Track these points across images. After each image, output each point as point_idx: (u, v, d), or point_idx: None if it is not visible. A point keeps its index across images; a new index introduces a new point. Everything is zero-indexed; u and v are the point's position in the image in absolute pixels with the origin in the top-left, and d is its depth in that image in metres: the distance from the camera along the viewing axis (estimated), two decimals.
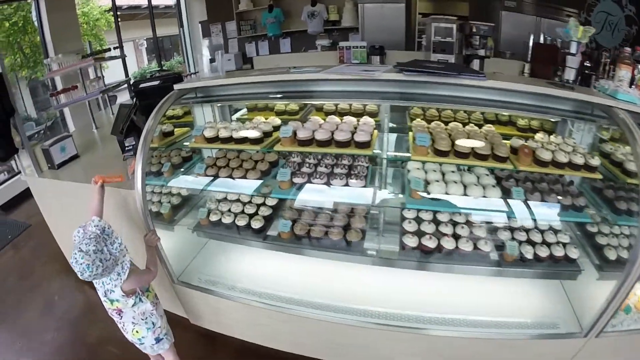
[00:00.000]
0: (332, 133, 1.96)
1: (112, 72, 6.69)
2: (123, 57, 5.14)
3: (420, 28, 5.31)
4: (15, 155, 3.37)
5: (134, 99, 2.72)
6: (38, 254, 4.98)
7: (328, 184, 1.92)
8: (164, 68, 8.38)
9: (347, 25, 6.08)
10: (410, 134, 2.06)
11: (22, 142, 3.23)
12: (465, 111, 2.30)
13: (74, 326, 3.45)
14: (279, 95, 2.26)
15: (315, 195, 1.99)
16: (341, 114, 2.35)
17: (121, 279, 1.70)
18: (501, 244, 1.92)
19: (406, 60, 1.91)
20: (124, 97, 5.78)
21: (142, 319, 1.84)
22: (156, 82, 2.69)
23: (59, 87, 4.40)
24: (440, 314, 1.89)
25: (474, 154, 1.83)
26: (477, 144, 1.83)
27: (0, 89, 2.92)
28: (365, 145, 1.91)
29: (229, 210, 2.20)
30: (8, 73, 9.87)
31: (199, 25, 7.47)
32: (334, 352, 2.15)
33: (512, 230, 1.95)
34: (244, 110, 2.71)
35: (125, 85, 4.84)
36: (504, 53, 4.82)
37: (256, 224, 2.08)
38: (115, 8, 7.36)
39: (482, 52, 4.51)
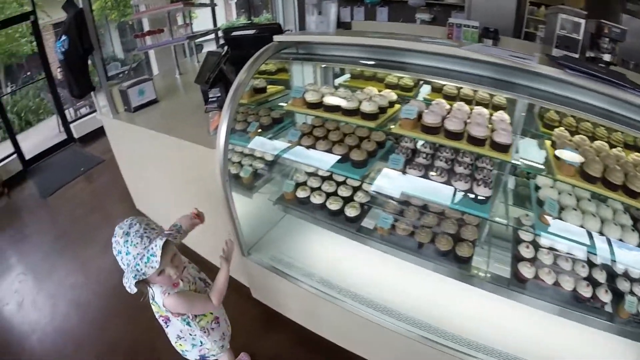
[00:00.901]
0: (465, 124, 1.56)
1: (201, 22, 6.51)
2: (213, 5, 4.89)
3: (533, 18, 4.75)
4: (92, 93, 3.26)
5: (225, 48, 2.43)
6: (109, 190, 5.18)
7: (447, 183, 1.55)
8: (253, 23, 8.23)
9: (452, 2, 5.51)
10: (547, 143, 1.65)
11: (99, 80, 3.12)
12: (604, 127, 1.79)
13: None
14: (389, 66, 1.83)
15: (428, 192, 1.61)
16: (464, 100, 1.92)
17: (164, 294, 1.50)
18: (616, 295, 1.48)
19: (523, 52, 1.46)
20: (210, 48, 5.68)
21: (190, 336, 1.70)
22: (252, 31, 2.41)
23: (146, 29, 4.26)
24: None
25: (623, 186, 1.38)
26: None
27: (80, 24, 2.77)
28: (505, 148, 1.50)
29: (320, 188, 1.85)
30: (98, 15, 10.15)
31: None
32: None
33: (631, 281, 1.50)
34: (347, 77, 2.33)
35: (213, 35, 4.60)
36: (627, 62, 4.12)
37: (351, 212, 1.75)
38: None
39: (607, 58, 3.85)
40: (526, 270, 1.48)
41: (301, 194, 1.90)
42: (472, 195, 1.52)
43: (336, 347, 2.16)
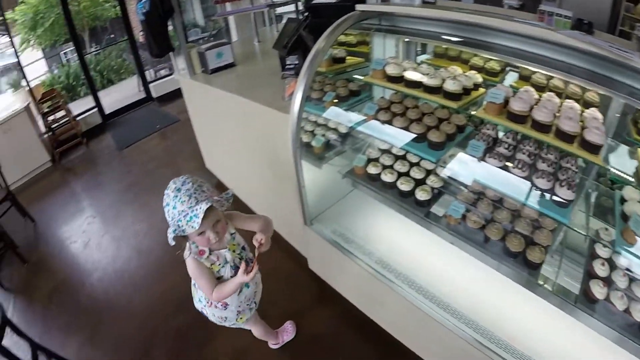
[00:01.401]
0: (554, 117, 1.42)
1: None
2: None
3: (629, 15, 4.30)
4: (171, 54, 3.36)
5: (305, 15, 2.38)
6: (181, 148, 5.45)
7: (528, 178, 1.41)
8: None
9: None
10: None
11: (179, 42, 3.20)
12: None
13: None
14: (477, 45, 1.67)
15: (505, 186, 1.47)
16: (553, 92, 1.73)
17: (189, 252, 1.56)
18: None
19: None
20: None
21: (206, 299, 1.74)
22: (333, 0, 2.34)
23: None
24: None
25: None
26: None
27: None
28: (595, 149, 1.33)
29: (392, 167, 1.77)
30: None
31: None
32: None
33: None
34: (429, 55, 2.21)
35: (293, 6, 4.58)
36: None
37: (422, 195, 1.65)
38: None
39: None
40: (598, 290, 1.29)
41: (372, 170, 1.82)
42: (553, 197, 1.37)
43: (383, 333, 2.12)
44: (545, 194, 1.39)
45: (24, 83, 7.30)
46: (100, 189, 5.10)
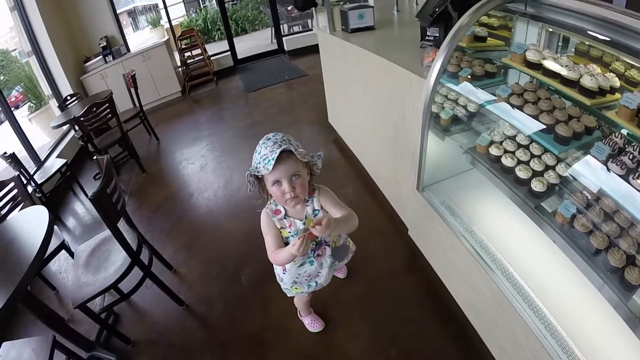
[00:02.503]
0: None
1: None
2: None
3: None
4: (314, 9, 3.59)
5: None
6: (306, 100, 5.79)
7: None
8: None
9: None
10: None
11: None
12: None
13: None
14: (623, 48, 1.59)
15: (622, 197, 1.41)
16: None
17: (267, 206, 1.65)
18: None
19: None
20: None
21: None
22: None
23: None
24: None
25: None
26: None
27: None
28: None
29: (514, 153, 1.82)
30: None
31: None
32: None
33: None
34: (571, 51, 2.16)
35: None
36: None
37: (537, 186, 1.67)
38: None
39: None
40: None
41: (494, 151, 1.85)
42: None
43: (459, 316, 2.14)
44: None
45: (162, 22, 8.09)
46: (223, 123, 5.54)
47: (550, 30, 2.07)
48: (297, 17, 8.86)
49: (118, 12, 6.75)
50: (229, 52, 7.77)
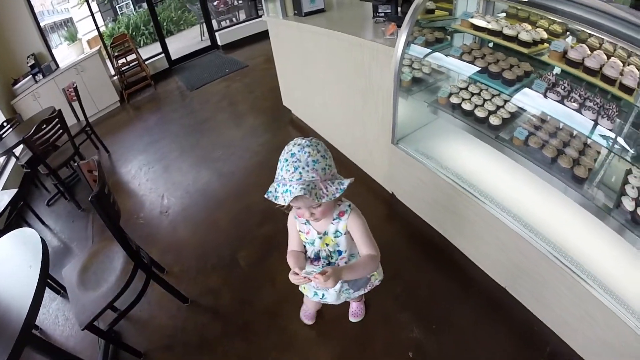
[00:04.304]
0: (601, 67, 1.82)
1: None
2: None
3: None
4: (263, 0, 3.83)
5: None
6: (253, 89, 5.87)
7: (579, 111, 1.83)
8: None
9: None
10: None
11: None
12: None
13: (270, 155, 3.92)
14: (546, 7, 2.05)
15: (560, 117, 1.89)
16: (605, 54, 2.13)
17: None
18: None
19: None
20: None
21: None
22: None
23: None
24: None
25: None
26: None
27: None
28: (630, 90, 1.73)
29: (470, 100, 2.22)
30: None
31: None
32: (507, 272, 2.20)
33: None
34: (503, 14, 2.60)
35: None
36: None
37: (494, 120, 2.10)
38: None
39: None
40: (628, 204, 1.67)
41: (454, 99, 2.25)
42: (597, 126, 1.78)
43: (447, 247, 2.53)
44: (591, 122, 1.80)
45: (79, 36, 7.83)
46: (175, 123, 5.46)
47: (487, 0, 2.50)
48: (225, 12, 9.01)
49: None
50: (163, 54, 7.72)
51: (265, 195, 1.31)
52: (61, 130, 3.87)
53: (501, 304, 2.17)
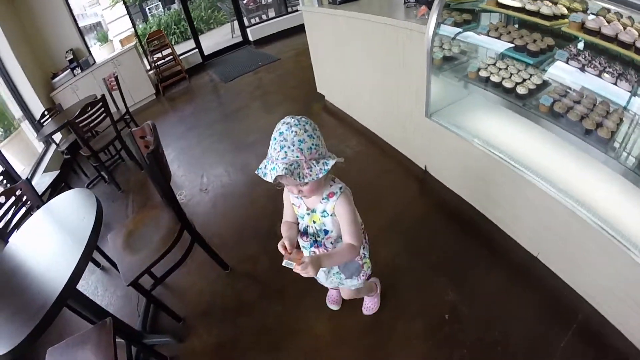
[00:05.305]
0: (617, 35, 1.96)
1: None
2: None
3: None
4: None
5: None
6: (286, 80, 6.07)
7: (599, 76, 1.99)
8: None
9: None
10: None
11: None
12: None
13: None
14: None
15: (583, 82, 2.10)
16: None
17: None
18: None
19: None
20: None
21: None
22: None
23: None
24: None
25: None
26: None
27: None
28: None
29: (498, 73, 2.42)
30: None
31: None
32: (539, 238, 2.31)
33: None
34: None
35: None
36: None
37: (521, 90, 2.28)
38: None
39: None
40: None
41: (483, 73, 2.44)
42: (618, 89, 1.93)
43: (476, 213, 2.67)
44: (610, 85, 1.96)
45: (110, 37, 8.18)
46: (210, 112, 5.72)
47: None
48: (254, 9, 9.35)
49: None
50: (196, 50, 8.07)
51: (256, 172, 1.35)
52: (104, 114, 4.12)
53: (532, 271, 2.26)
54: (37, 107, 5.74)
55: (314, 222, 1.53)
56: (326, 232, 1.54)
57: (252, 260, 2.74)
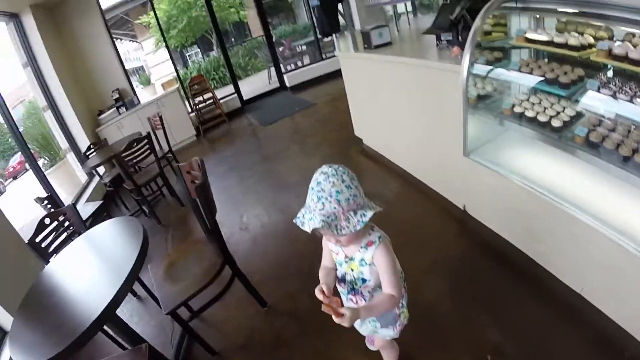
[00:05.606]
0: None
1: None
2: None
3: None
4: (335, 35, 4.36)
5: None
6: (324, 124, 6.24)
7: (631, 101, 2.00)
8: None
9: None
10: None
11: (347, 24, 4.09)
12: None
13: None
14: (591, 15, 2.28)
15: (616, 109, 2.13)
16: None
17: None
18: None
19: None
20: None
21: None
22: None
23: None
24: None
25: None
26: None
27: None
28: None
29: (532, 108, 2.48)
30: None
31: None
32: (582, 273, 2.25)
33: None
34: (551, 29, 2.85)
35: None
36: None
37: (556, 123, 2.33)
38: None
39: None
40: None
41: (517, 109, 2.49)
42: None
43: (515, 250, 2.62)
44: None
45: (152, 80, 8.67)
46: (250, 154, 5.93)
47: (537, 16, 2.79)
48: (290, 57, 9.81)
49: None
50: (235, 94, 8.46)
51: (294, 220, 1.34)
52: (148, 151, 4.36)
53: (577, 307, 2.20)
54: (83, 141, 6.18)
55: (352, 270, 1.51)
56: (364, 280, 1.51)
57: (292, 298, 2.74)
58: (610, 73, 2.28)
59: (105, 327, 2.19)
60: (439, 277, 2.63)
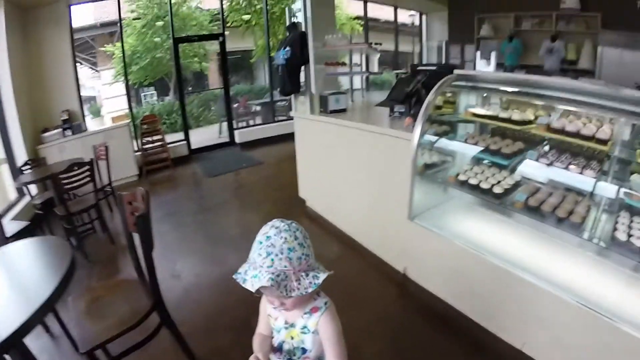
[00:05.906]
0: (579, 130, 2.24)
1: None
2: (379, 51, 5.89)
3: None
4: (293, 95, 4.48)
5: (415, 75, 3.31)
6: (269, 182, 6.26)
7: (566, 169, 2.24)
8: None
9: (584, 67, 6.23)
10: None
11: (306, 86, 4.23)
12: None
13: None
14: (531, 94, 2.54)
15: (552, 176, 2.39)
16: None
17: None
18: None
19: None
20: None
21: None
22: (433, 67, 3.39)
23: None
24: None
25: None
26: None
27: (301, 42, 4.07)
28: (604, 142, 2.14)
29: (476, 176, 2.64)
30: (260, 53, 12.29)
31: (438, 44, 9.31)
32: (525, 328, 2.31)
33: None
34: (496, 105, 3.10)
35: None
36: None
37: (497, 190, 2.49)
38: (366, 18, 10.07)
39: None
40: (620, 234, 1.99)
41: (462, 177, 2.65)
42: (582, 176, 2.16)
43: (455, 313, 2.65)
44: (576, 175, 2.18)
45: (102, 112, 8.35)
46: (191, 202, 5.78)
47: (485, 95, 3.04)
48: (243, 114, 9.96)
49: None
50: (184, 142, 8.33)
51: (234, 276, 1.21)
52: (88, 179, 4.05)
53: None
54: (21, 154, 5.68)
55: (292, 338, 1.35)
56: (304, 350, 1.34)
57: (223, 353, 2.55)
58: (547, 147, 2.52)
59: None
60: (379, 339, 2.60)
